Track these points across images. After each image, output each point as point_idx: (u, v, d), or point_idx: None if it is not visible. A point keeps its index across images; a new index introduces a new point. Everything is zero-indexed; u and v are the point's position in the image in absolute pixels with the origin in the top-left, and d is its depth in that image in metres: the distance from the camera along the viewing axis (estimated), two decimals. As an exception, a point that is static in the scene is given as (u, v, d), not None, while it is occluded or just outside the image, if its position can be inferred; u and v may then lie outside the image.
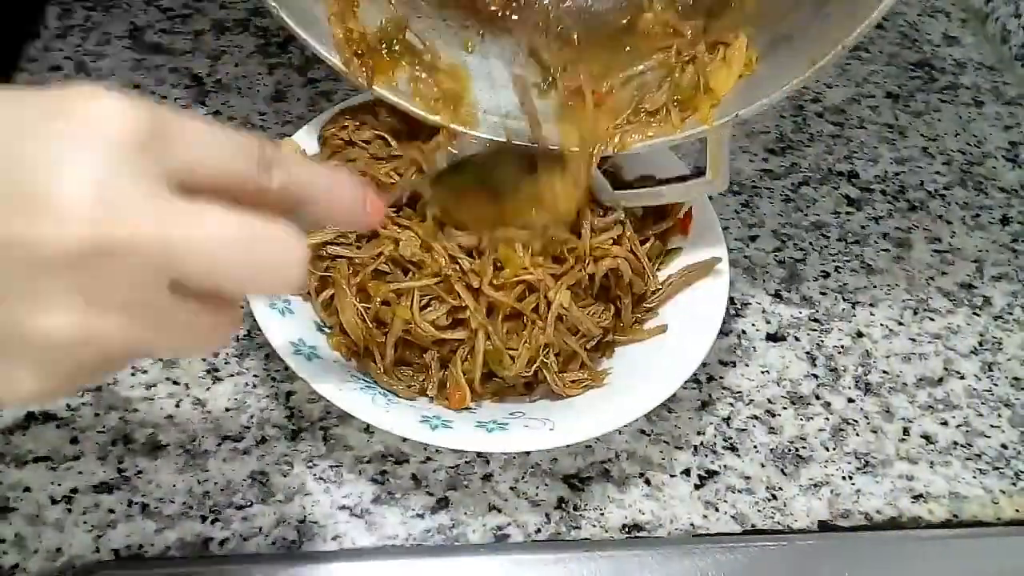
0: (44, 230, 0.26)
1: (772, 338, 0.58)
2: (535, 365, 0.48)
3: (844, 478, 0.52)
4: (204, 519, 0.46)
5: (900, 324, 0.60)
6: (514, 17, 0.54)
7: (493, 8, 0.54)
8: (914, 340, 0.59)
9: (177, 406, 0.50)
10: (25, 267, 0.27)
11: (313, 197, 0.33)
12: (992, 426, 0.55)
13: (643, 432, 0.52)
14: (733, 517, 0.50)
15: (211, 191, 0.29)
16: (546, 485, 0.49)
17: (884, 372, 0.57)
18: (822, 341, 0.58)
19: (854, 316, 0.60)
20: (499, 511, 0.48)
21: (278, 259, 0.30)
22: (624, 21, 0.54)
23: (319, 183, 0.33)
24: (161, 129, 0.28)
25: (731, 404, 0.54)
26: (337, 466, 0.49)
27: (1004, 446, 0.55)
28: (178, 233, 0.28)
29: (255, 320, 0.47)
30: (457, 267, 0.48)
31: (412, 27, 0.52)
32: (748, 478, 0.51)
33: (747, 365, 0.56)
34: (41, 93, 0.28)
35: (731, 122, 0.48)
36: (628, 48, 0.53)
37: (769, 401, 0.55)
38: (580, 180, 0.49)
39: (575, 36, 0.54)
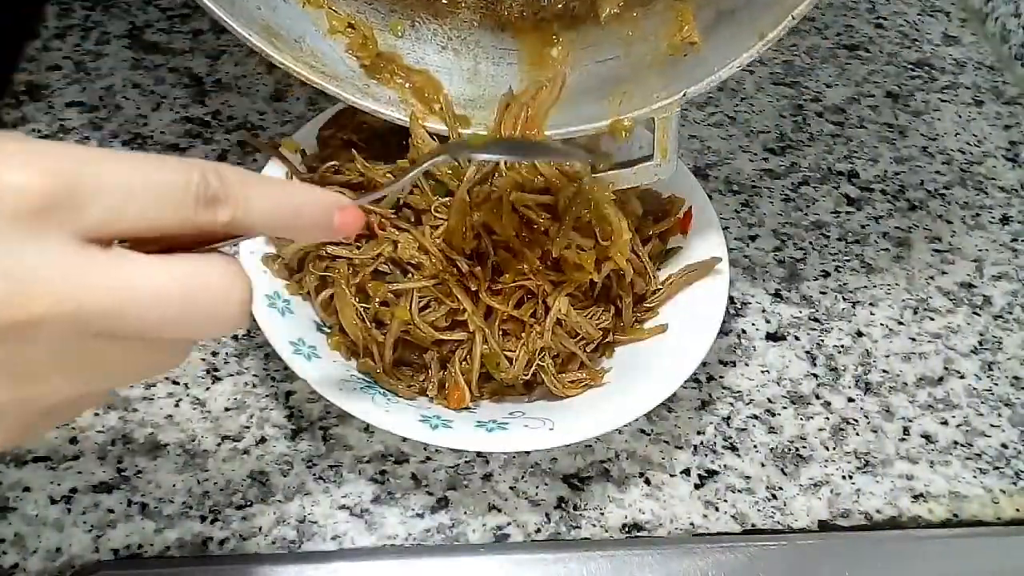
0: None
1: (772, 338, 0.58)
2: (533, 367, 0.48)
3: (844, 478, 0.52)
4: (204, 519, 0.46)
5: (900, 324, 0.60)
6: (444, 1, 0.53)
7: None
8: (914, 340, 0.59)
9: (176, 406, 0.50)
10: None
11: (272, 226, 0.31)
12: (992, 425, 0.55)
13: (643, 432, 0.52)
14: (733, 517, 0.50)
15: (142, 237, 0.28)
16: (546, 485, 0.49)
17: (884, 372, 0.57)
18: (822, 341, 0.58)
19: (854, 316, 0.60)
20: (499, 511, 0.48)
21: (213, 307, 0.28)
22: (560, 7, 0.53)
23: (280, 212, 0.31)
24: (71, 187, 0.27)
25: (731, 404, 0.54)
26: (337, 466, 0.49)
27: (1004, 445, 0.55)
28: (89, 295, 0.26)
29: (255, 320, 0.47)
30: (455, 270, 0.48)
31: (338, 9, 0.51)
32: (748, 478, 0.51)
33: (747, 365, 0.56)
34: None
35: (678, 102, 0.47)
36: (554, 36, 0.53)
37: (769, 401, 0.55)
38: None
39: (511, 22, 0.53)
